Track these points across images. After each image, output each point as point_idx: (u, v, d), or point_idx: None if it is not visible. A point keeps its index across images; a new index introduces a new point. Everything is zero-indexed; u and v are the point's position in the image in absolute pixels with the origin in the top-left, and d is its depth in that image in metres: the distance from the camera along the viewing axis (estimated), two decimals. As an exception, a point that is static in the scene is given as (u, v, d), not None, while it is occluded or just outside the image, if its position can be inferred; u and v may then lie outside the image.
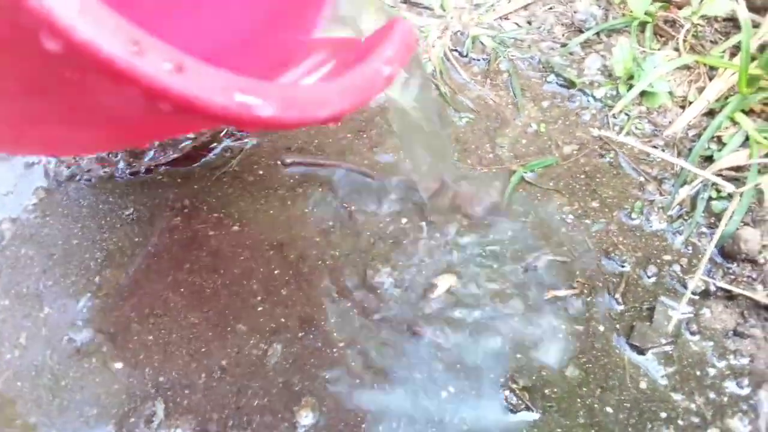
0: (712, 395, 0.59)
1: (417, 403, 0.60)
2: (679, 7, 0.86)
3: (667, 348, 0.61)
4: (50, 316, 0.68)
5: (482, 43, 0.84)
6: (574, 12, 0.88)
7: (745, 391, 0.59)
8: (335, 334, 0.64)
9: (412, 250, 0.69)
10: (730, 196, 0.69)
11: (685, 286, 0.64)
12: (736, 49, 0.80)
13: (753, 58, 0.78)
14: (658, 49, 0.81)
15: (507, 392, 0.59)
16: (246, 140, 0.81)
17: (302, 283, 0.68)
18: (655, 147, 0.75)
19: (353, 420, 0.59)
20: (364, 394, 0.61)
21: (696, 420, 0.57)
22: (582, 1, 0.88)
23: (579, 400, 0.59)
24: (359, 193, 0.75)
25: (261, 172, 0.78)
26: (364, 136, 0.79)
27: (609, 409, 0.58)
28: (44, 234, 0.75)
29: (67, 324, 0.68)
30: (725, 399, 0.58)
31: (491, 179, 0.73)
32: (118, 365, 0.64)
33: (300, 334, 0.65)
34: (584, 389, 0.60)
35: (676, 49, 0.80)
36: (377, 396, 0.60)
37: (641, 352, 0.61)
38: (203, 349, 0.64)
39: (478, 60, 0.83)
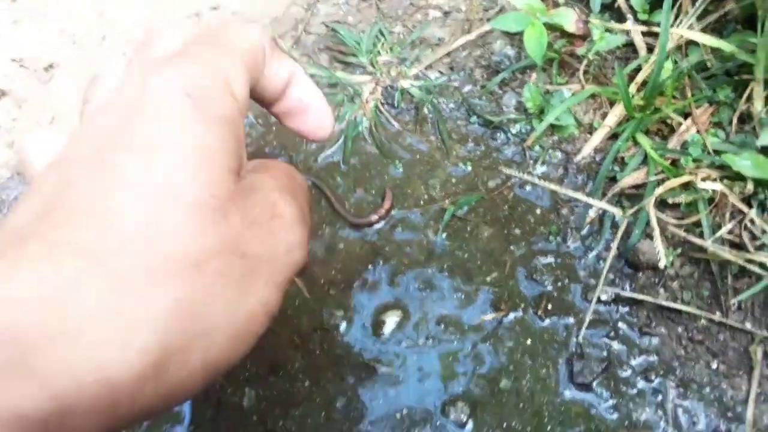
0: (624, 389, 0.68)
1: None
2: (583, 39, 0.96)
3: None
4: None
5: (410, 94, 0.94)
6: (491, 54, 0.97)
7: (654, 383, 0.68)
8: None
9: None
10: (635, 213, 0.78)
11: (598, 298, 0.73)
12: (635, 73, 0.90)
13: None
14: (565, 83, 0.91)
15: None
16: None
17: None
18: (567, 171, 0.84)
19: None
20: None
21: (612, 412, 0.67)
22: (497, 43, 0.98)
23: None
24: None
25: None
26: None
27: (539, 411, 0.68)
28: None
29: None
30: (635, 391, 0.68)
31: (427, 218, 0.83)
32: None
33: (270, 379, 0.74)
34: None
35: (581, 81, 0.90)
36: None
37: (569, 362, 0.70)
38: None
39: (409, 110, 0.93)
